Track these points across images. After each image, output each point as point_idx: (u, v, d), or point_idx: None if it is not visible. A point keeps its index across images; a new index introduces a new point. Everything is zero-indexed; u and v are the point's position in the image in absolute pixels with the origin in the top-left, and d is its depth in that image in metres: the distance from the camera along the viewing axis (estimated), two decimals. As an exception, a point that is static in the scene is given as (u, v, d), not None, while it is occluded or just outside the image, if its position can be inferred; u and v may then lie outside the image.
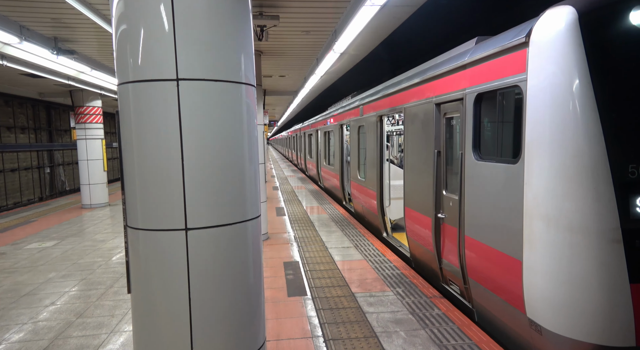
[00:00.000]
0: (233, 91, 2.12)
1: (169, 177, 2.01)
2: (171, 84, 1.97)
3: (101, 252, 7.29)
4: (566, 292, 2.93)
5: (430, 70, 5.21)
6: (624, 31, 2.86)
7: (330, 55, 7.74)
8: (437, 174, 5.04)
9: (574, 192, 2.87)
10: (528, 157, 3.23)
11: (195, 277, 2.07)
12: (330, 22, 6.38)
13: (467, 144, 4.21)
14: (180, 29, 1.95)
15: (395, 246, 7.22)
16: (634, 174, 2.80)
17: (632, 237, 2.76)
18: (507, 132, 3.74)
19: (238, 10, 2.12)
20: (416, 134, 5.69)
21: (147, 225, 2.06)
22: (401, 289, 5.11)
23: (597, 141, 2.80)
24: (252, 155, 2.26)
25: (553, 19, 3.04)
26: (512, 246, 3.44)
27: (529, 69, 3.24)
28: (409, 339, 3.85)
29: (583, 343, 2.88)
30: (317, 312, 4.47)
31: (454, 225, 4.61)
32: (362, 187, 8.93)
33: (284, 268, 6.03)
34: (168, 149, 1.99)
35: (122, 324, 4.40)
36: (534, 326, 3.23)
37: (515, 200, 3.39)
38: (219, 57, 2.05)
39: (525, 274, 3.26)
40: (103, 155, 12.52)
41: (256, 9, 5.59)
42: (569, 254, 2.91)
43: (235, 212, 2.15)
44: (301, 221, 9.51)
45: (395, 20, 5.92)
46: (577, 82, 2.86)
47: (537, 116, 3.13)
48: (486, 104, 4.05)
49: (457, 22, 10.71)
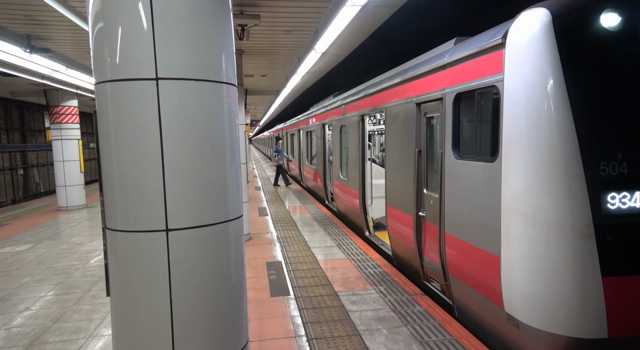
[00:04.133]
0: (214, 91, 2.10)
1: (149, 178, 1.98)
2: (150, 83, 1.94)
3: (78, 255, 7.12)
4: (542, 286, 3.02)
5: (411, 70, 5.28)
6: (595, 33, 2.96)
7: (312, 55, 7.74)
8: (418, 172, 5.11)
9: (549, 189, 2.96)
10: (505, 156, 3.31)
11: (176, 278, 2.05)
12: (311, 22, 6.39)
13: (447, 143, 4.28)
14: (159, 28, 1.93)
15: (378, 245, 7.28)
16: (605, 172, 2.91)
17: (604, 232, 2.86)
18: (485, 131, 3.83)
19: (218, 9, 2.11)
20: (397, 134, 5.76)
21: (126, 226, 2.03)
22: (383, 287, 5.16)
23: (571, 140, 2.89)
24: (233, 155, 2.25)
25: (528, 21, 3.13)
26: (491, 243, 3.52)
27: (506, 69, 3.32)
28: (391, 336, 3.89)
29: (558, 336, 2.97)
30: (300, 312, 4.47)
31: (435, 223, 4.69)
32: (345, 186, 8.97)
33: (267, 268, 6.01)
34: (148, 149, 1.97)
35: (100, 328, 4.31)
36: (512, 320, 3.31)
37: (493, 198, 3.47)
38: (199, 56, 2.03)
39: (503, 269, 3.34)
40: (80, 156, 12.21)
41: (237, 7, 5.55)
42: (544, 249, 2.99)
43: (216, 212, 2.14)
44: (284, 221, 9.49)
45: (376, 21, 5.97)
46: (552, 83, 2.95)
47: (514, 116, 3.21)
48: (465, 103, 4.13)
49: (436, 22, 10.86)
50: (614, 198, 2.90)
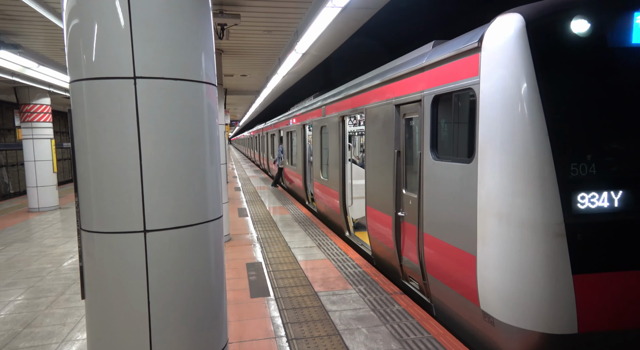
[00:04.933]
0: (193, 90, 2.09)
1: (127, 178, 1.94)
2: (128, 82, 1.91)
3: (51, 258, 6.91)
4: (515, 284, 3.11)
5: (390, 72, 5.34)
6: (566, 39, 3.07)
7: (292, 56, 7.74)
8: (397, 173, 5.18)
9: (523, 189, 3.05)
10: (481, 157, 3.39)
11: (154, 280, 2.02)
12: (292, 23, 6.39)
13: (425, 144, 4.35)
14: (137, 26, 1.90)
15: (358, 245, 7.34)
16: (575, 172, 3.02)
17: (574, 231, 2.97)
18: (462, 132, 3.91)
19: (198, 7, 2.09)
20: (377, 135, 5.82)
21: (103, 227, 1.99)
22: (363, 286, 5.20)
23: (543, 142, 2.99)
24: (213, 156, 2.23)
25: (502, 26, 3.22)
26: (467, 242, 3.60)
27: (481, 72, 3.40)
28: (371, 335, 3.93)
29: (530, 332, 3.07)
30: (280, 312, 4.47)
31: (414, 223, 4.76)
32: (325, 187, 9.00)
33: (247, 269, 5.97)
34: (125, 148, 1.93)
35: (74, 332, 4.20)
36: (487, 318, 3.40)
37: (470, 198, 3.55)
38: (178, 55, 2.01)
39: (479, 268, 3.42)
40: (53, 155, 11.84)
41: (216, 7, 5.50)
42: (518, 248, 3.09)
43: (196, 213, 2.12)
44: (264, 222, 9.45)
45: (356, 22, 6.02)
46: (525, 86, 3.04)
47: (489, 118, 3.30)
48: (443, 105, 4.21)
49: (415, 25, 11.05)
50: (584, 198, 3.02)
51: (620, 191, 3.06)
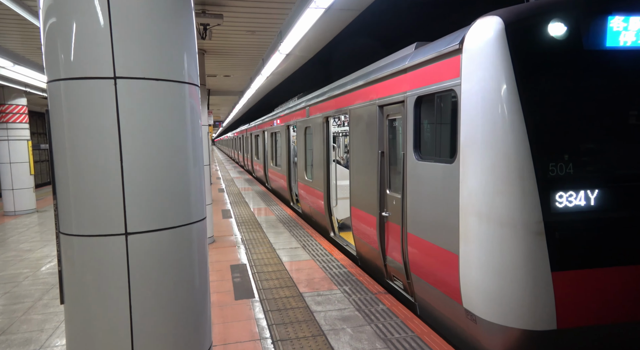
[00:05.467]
0: (176, 91, 2.06)
1: (107, 180, 1.91)
2: (108, 82, 1.88)
3: (28, 263, 6.72)
4: (496, 282, 3.17)
5: (374, 73, 5.38)
6: (544, 41, 3.14)
7: (276, 56, 7.73)
8: (381, 173, 5.22)
9: (503, 189, 3.12)
10: (463, 157, 3.45)
11: (136, 283, 1.99)
12: (275, 23, 6.38)
13: (409, 144, 4.40)
14: (116, 24, 1.87)
15: (342, 245, 7.36)
16: (554, 172, 3.09)
17: (553, 229, 3.04)
18: (445, 133, 3.97)
19: (179, 7, 2.07)
20: (361, 135, 5.85)
21: (82, 230, 1.94)
22: (348, 286, 5.22)
23: (522, 142, 3.06)
24: (196, 157, 2.21)
25: (482, 29, 3.28)
26: (450, 241, 3.65)
27: (463, 74, 3.46)
28: (356, 335, 3.95)
29: (511, 329, 3.13)
30: (265, 314, 4.45)
31: (398, 223, 4.80)
32: (310, 187, 9.00)
33: (231, 271, 5.93)
34: (106, 150, 1.90)
35: (53, 338, 4.09)
36: (470, 316, 3.45)
37: (452, 198, 3.60)
38: (159, 55, 1.99)
39: (462, 266, 3.47)
40: (29, 157, 11.53)
41: (199, 6, 5.45)
42: (498, 246, 3.15)
43: (179, 214, 2.10)
44: (248, 223, 9.39)
45: (340, 23, 6.04)
46: (505, 87, 3.11)
47: (470, 119, 3.35)
48: (425, 106, 4.27)
49: (398, 27, 11.17)
50: (562, 197, 3.09)
51: (596, 190, 3.14)
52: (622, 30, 3.16)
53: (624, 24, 3.15)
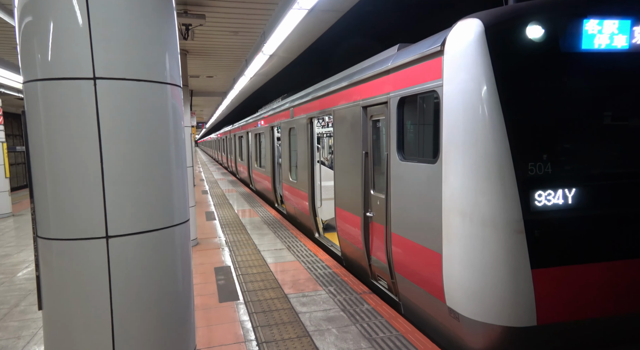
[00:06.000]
0: (157, 91, 2.04)
1: (87, 182, 1.87)
2: (87, 82, 1.84)
3: (3, 269, 6.52)
4: (478, 280, 3.22)
5: (357, 74, 5.41)
6: (522, 43, 3.21)
7: (260, 57, 7.70)
8: (365, 174, 5.24)
9: (484, 188, 3.17)
10: (445, 157, 3.50)
11: (117, 288, 1.95)
12: (258, 24, 6.36)
13: (392, 145, 4.44)
14: (95, 24, 1.83)
15: (327, 246, 7.37)
16: (533, 172, 3.17)
17: (532, 227, 3.11)
18: (428, 134, 4.02)
19: (160, 6, 2.05)
20: (345, 136, 5.87)
21: (61, 234, 1.90)
22: (333, 287, 5.23)
23: (502, 142, 3.12)
24: (178, 158, 2.19)
25: (463, 31, 3.33)
26: (433, 240, 3.69)
27: (444, 75, 3.51)
28: (341, 335, 3.96)
29: (493, 326, 3.19)
30: (249, 316, 4.42)
31: (382, 223, 4.84)
32: (294, 188, 8.98)
33: (215, 274, 5.87)
34: (85, 152, 1.86)
35: (30, 345, 3.98)
36: (453, 314, 3.50)
37: (435, 198, 3.65)
38: (140, 55, 1.96)
39: (445, 265, 3.52)
40: (4, 160, 11.20)
41: (180, 6, 5.39)
42: (480, 245, 3.20)
43: (161, 217, 2.07)
44: (232, 225, 9.32)
45: (324, 25, 6.06)
46: (485, 89, 3.16)
47: (452, 119, 3.40)
48: (408, 107, 4.31)
49: (380, 28, 11.25)
50: (541, 196, 3.17)
51: (573, 189, 3.23)
52: (596, 33, 3.25)
53: (599, 27, 3.25)
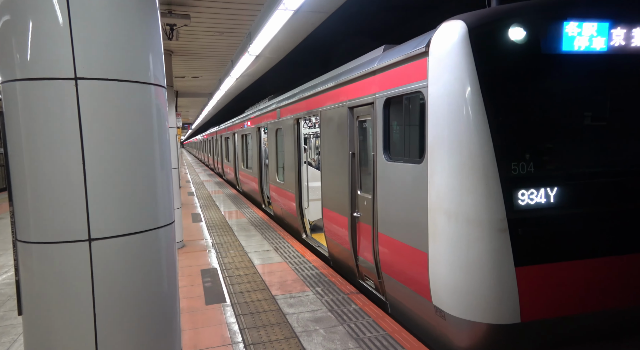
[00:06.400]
0: (141, 92, 2.01)
1: (69, 184, 1.84)
2: (69, 83, 1.81)
3: (-17, 273, 6.35)
4: (463, 278, 3.26)
5: (344, 75, 5.43)
6: (505, 45, 3.26)
7: (246, 58, 7.67)
8: (352, 174, 5.26)
9: (469, 188, 3.21)
10: (431, 158, 3.53)
11: (100, 292, 1.92)
12: (244, 24, 6.33)
13: (378, 145, 4.46)
14: (77, 23, 1.80)
15: (315, 247, 7.37)
16: (516, 171, 3.22)
17: (515, 226, 3.16)
18: (413, 134, 4.05)
19: (143, 6, 2.02)
20: (332, 137, 5.88)
21: (42, 237, 1.86)
22: (320, 288, 5.23)
23: (486, 142, 3.16)
24: (163, 159, 2.16)
25: (447, 32, 3.37)
26: (419, 240, 3.72)
27: (429, 76, 3.54)
28: (328, 335, 3.96)
29: (478, 323, 3.23)
30: (236, 318, 4.39)
31: (369, 223, 4.86)
32: (281, 189, 8.96)
33: (202, 276, 5.82)
34: (67, 154, 1.83)
35: (12, 352, 3.89)
36: (439, 312, 3.53)
37: (421, 197, 3.68)
38: (123, 55, 1.93)
39: (431, 264, 3.55)
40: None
41: (165, 6, 5.34)
42: (465, 244, 3.24)
43: (146, 219, 2.04)
44: (219, 227, 9.25)
45: (309, 25, 6.07)
46: (469, 90, 3.21)
47: (437, 120, 3.44)
48: (394, 108, 4.34)
49: (366, 29, 11.31)
50: (524, 195, 3.22)
51: (555, 188, 3.29)
52: (576, 35, 3.32)
53: (578, 29, 3.32)
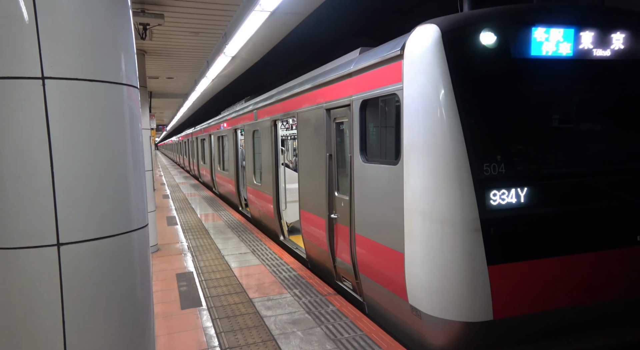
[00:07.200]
0: (112, 92, 1.96)
1: (36, 186, 1.77)
2: (35, 82, 1.74)
3: (-57, 281, 6.04)
4: (438, 278, 3.32)
5: (320, 77, 5.44)
6: (477, 48, 3.34)
7: (222, 59, 7.59)
8: (329, 176, 5.28)
9: (443, 189, 3.28)
10: (406, 159, 3.58)
11: (70, 299, 1.85)
12: (219, 25, 6.27)
13: (355, 147, 4.49)
14: (43, 20, 1.74)
15: (292, 249, 7.35)
16: (488, 172, 3.30)
17: (488, 225, 3.24)
18: (389, 136, 4.10)
19: (114, 4, 1.98)
20: (309, 138, 5.89)
21: (7, 243, 1.79)
22: (298, 290, 5.22)
23: (459, 144, 3.24)
24: (136, 161, 2.11)
25: (421, 36, 3.43)
26: (396, 240, 3.77)
27: (404, 79, 3.60)
28: (306, 337, 3.96)
29: (452, 322, 3.29)
30: (213, 322, 4.33)
31: (346, 225, 4.88)
32: (259, 191, 8.90)
33: (177, 280, 5.71)
34: (34, 155, 1.76)
35: (-25, 363, 3.71)
36: (415, 311, 3.58)
37: (397, 198, 3.73)
38: (93, 54, 1.88)
39: (407, 264, 3.60)
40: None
41: (137, 5, 5.23)
42: (439, 243, 3.30)
43: (117, 222, 1.99)
44: (195, 230, 9.11)
45: (286, 27, 6.06)
46: (443, 92, 3.27)
47: (412, 122, 3.50)
48: (370, 110, 4.39)
49: (343, 32, 11.40)
50: (495, 195, 3.31)
51: (525, 188, 3.39)
52: (544, 40, 3.45)
53: (546, 35, 3.45)
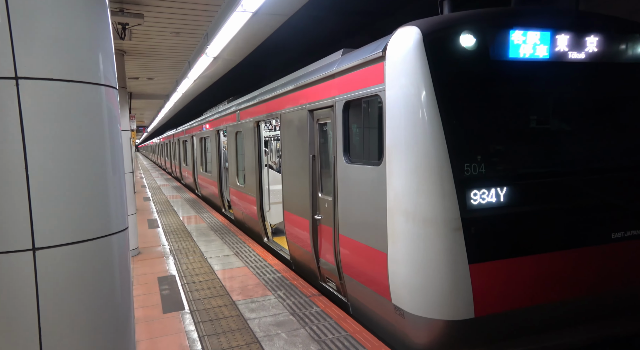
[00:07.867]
0: (90, 93, 1.92)
1: (9, 190, 1.72)
2: (8, 82, 1.69)
3: None
4: (420, 277, 3.36)
5: (303, 78, 5.44)
6: (457, 50, 3.40)
7: (203, 59, 7.52)
8: (313, 177, 5.28)
9: (425, 189, 3.32)
10: (389, 160, 3.61)
11: (46, 305, 1.80)
12: (201, 25, 6.21)
13: (338, 148, 4.51)
14: (16, 18, 1.69)
15: (276, 250, 7.32)
16: (468, 172, 3.36)
17: (468, 224, 3.29)
18: (372, 137, 4.13)
19: (91, 2, 1.94)
20: (292, 140, 5.88)
21: (-21, 248, 1.73)
22: (282, 291, 5.20)
23: (441, 144, 3.28)
24: (115, 163, 2.07)
25: (402, 38, 3.47)
26: (379, 240, 3.80)
27: (386, 80, 3.63)
28: (290, 339, 3.94)
29: (435, 320, 3.33)
30: (196, 326, 4.28)
31: (330, 225, 4.89)
32: (242, 193, 8.84)
33: (159, 283, 5.62)
34: (7, 158, 1.71)
35: (-54, 374, 3.57)
36: (398, 311, 3.61)
37: (380, 199, 3.75)
38: (70, 54, 1.84)
39: (390, 264, 3.63)
40: None
41: (116, 4, 5.14)
42: (422, 243, 3.34)
43: (96, 225, 1.95)
44: (177, 232, 8.98)
45: (268, 28, 6.05)
46: (424, 93, 3.31)
47: (394, 123, 3.53)
48: (353, 111, 4.41)
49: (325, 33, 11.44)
50: (476, 195, 3.37)
51: (505, 187, 3.46)
52: (521, 43, 3.52)
53: (523, 37, 3.52)
